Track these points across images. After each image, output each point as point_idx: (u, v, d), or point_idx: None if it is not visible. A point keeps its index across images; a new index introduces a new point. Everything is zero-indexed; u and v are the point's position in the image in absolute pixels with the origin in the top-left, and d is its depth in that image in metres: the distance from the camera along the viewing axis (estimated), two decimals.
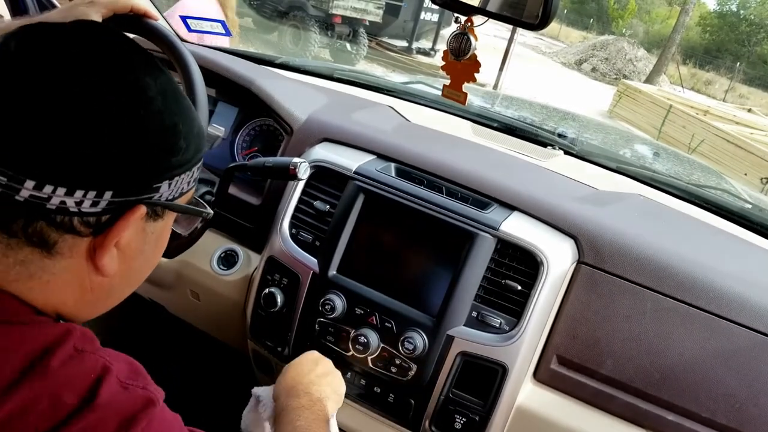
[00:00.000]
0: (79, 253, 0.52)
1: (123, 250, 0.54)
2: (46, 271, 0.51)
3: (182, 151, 0.54)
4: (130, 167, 0.50)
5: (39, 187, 0.47)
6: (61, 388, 0.48)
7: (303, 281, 1.08)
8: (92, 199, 0.49)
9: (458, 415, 1.00)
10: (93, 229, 0.51)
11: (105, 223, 0.51)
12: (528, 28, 0.86)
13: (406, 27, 9.92)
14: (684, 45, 23.59)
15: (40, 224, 0.49)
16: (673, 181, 1.39)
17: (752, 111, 12.38)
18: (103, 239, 0.52)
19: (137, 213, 0.52)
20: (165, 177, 0.53)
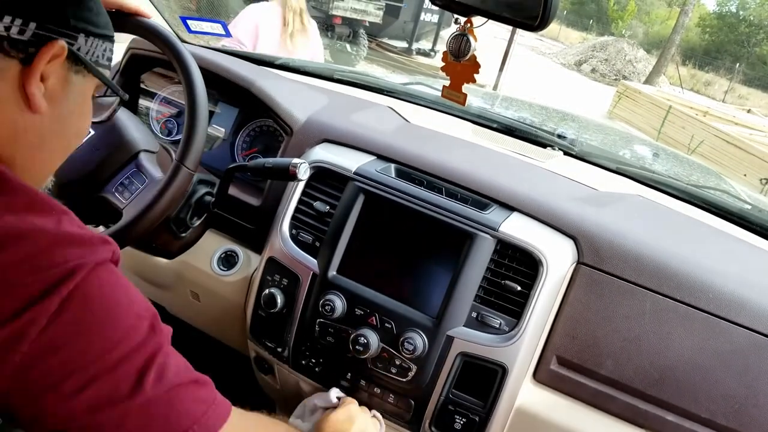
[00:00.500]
0: (10, 77, 0.58)
1: (51, 93, 0.61)
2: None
3: (94, 11, 0.63)
4: (52, 4, 0.59)
5: None
6: None
7: (303, 282, 1.08)
8: (19, 26, 0.57)
9: (458, 416, 1.00)
10: (23, 56, 0.58)
11: (31, 54, 0.58)
12: (527, 29, 0.86)
13: (406, 28, 9.93)
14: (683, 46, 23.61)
15: None
16: (672, 182, 1.39)
17: (751, 112, 12.40)
18: (29, 69, 0.58)
19: (57, 47, 0.59)
20: (81, 28, 0.62)
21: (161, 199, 0.97)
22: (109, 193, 1.03)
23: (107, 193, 1.03)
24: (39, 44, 0.58)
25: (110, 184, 1.03)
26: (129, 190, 1.03)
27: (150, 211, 0.96)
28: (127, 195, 1.02)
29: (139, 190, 1.02)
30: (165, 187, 0.97)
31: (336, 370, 1.08)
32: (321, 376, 1.10)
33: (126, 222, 0.97)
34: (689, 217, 1.24)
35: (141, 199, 1.00)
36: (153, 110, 1.46)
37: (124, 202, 1.02)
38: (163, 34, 1.02)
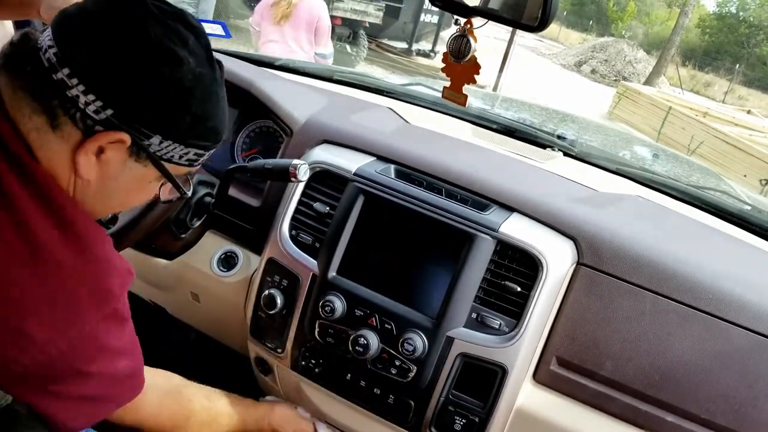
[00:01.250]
0: (70, 142, 0.63)
1: (101, 166, 0.65)
2: (49, 144, 0.63)
3: (185, 125, 0.66)
4: (134, 104, 0.62)
5: (70, 76, 0.60)
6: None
7: (303, 283, 1.08)
8: (97, 107, 0.61)
9: (458, 417, 1.00)
10: (86, 129, 0.62)
11: (95, 131, 0.63)
12: (527, 29, 0.86)
13: (406, 29, 9.92)
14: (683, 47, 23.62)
15: (56, 101, 0.61)
16: (672, 183, 1.39)
17: (751, 112, 12.40)
18: (87, 141, 0.63)
19: (119, 137, 0.63)
20: (158, 132, 0.65)
21: (156, 205, 0.97)
22: None
23: None
24: (105, 127, 0.63)
25: None
26: None
27: (144, 217, 0.97)
28: None
29: None
30: None
31: (336, 371, 1.08)
32: (321, 377, 1.10)
33: (120, 226, 0.97)
34: (689, 218, 1.24)
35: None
36: None
37: None
38: None
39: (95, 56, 0.61)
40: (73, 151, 0.63)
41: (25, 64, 0.62)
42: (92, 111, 0.61)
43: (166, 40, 0.63)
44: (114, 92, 0.61)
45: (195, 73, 0.65)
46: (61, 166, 0.64)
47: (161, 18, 0.64)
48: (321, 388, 1.12)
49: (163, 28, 0.63)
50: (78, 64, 0.61)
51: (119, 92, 0.62)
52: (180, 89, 0.64)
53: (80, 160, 0.63)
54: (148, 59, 0.62)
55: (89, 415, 0.72)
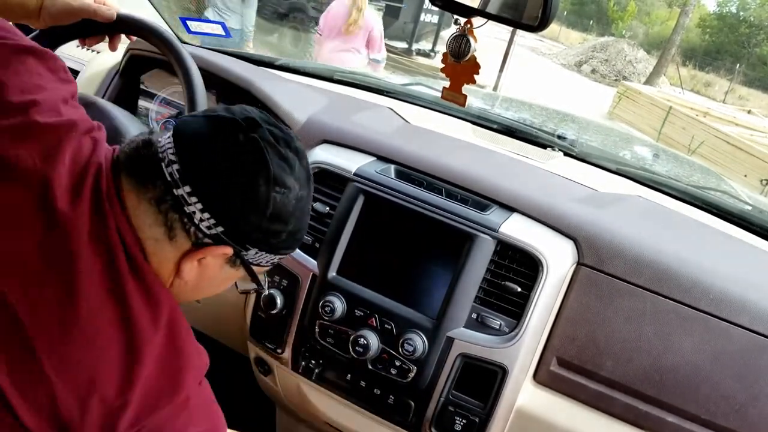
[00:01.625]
0: (180, 250, 0.68)
1: (202, 270, 0.71)
2: (162, 252, 0.68)
3: (280, 240, 0.71)
4: (244, 226, 0.67)
5: (191, 194, 0.65)
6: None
7: (303, 283, 1.08)
8: (210, 224, 0.66)
9: (458, 417, 1.00)
10: (195, 240, 0.67)
11: (204, 243, 0.68)
12: (528, 29, 0.86)
13: (405, 29, 9.92)
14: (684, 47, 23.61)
15: (175, 216, 0.66)
16: (672, 183, 1.39)
17: (752, 112, 12.39)
18: (195, 251, 0.68)
19: (224, 251, 0.69)
20: (257, 246, 0.70)
21: None
22: None
23: None
24: (214, 242, 0.68)
25: None
26: None
27: None
28: None
29: None
30: None
31: (336, 372, 1.08)
32: (321, 378, 1.10)
33: None
34: (690, 218, 1.24)
35: None
36: (153, 111, 1.46)
37: None
38: (163, 35, 1.02)
39: (215, 179, 0.66)
40: (180, 257, 0.68)
41: (151, 175, 0.66)
42: (205, 227, 0.66)
43: (278, 170, 0.68)
44: (228, 214, 0.66)
45: (298, 197, 0.70)
46: (167, 268, 0.69)
47: (275, 145, 0.68)
48: (321, 389, 1.12)
49: (278, 156, 0.68)
50: (199, 184, 0.65)
51: (233, 214, 0.66)
52: (285, 213, 0.69)
53: (185, 267, 0.68)
54: (262, 187, 0.66)
55: None
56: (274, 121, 0.72)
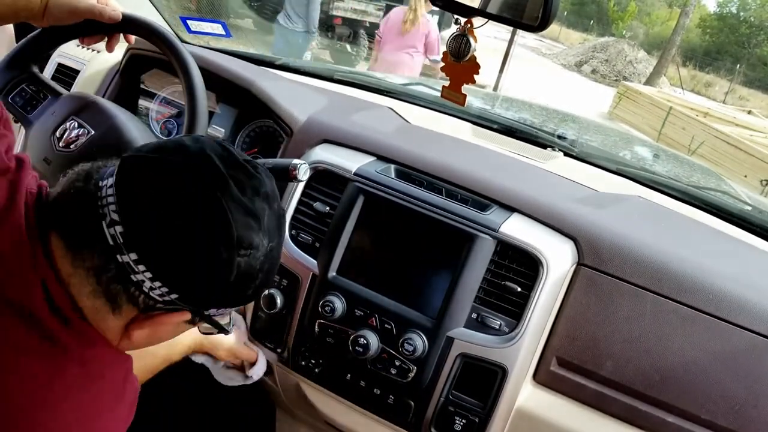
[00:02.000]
0: (126, 317, 0.61)
1: (153, 332, 0.63)
2: (106, 323, 0.60)
3: (246, 296, 0.63)
4: (204, 293, 0.60)
5: (137, 262, 0.56)
6: None
7: (303, 282, 1.08)
8: (162, 291, 0.58)
9: (458, 417, 1.00)
10: (145, 308, 0.60)
11: (156, 309, 0.60)
12: (528, 29, 0.86)
13: None
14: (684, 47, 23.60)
15: (119, 287, 0.58)
16: (672, 183, 1.39)
17: (752, 113, 12.38)
18: (145, 319, 0.61)
19: (183, 317, 0.62)
20: (219, 306, 0.63)
21: None
22: None
23: None
24: (169, 309, 0.61)
25: None
26: None
27: None
28: None
29: None
30: None
31: (336, 371, 1.08)
32: (320, 377, 1.10)
33: None
34: (690, 218, 1.24)
35: None
36: (153, 110, 1.46)
37: None
38: (163, 35, 1.02)
39: (168, 246, 0.56)
40: (125, 324, 0.61)
41: (88, 238, 0.57)
42: (156, 294, 0.58)
43: (243, 230, 0.58)
44: (184, 281, 0.58)
45: (267, 252, 0.61)
46: (111, 334, 0.62)
47: (240, 199, 0.58)
48: (321, 388, 1.12)
49: (243, 212, 0.58)
50: (147, 250, 0.56)
51: (189, 282, 0.58)
52: (251, 273, 0.60)
53: (135, 334, 0.62)
54: (224, 254, 0.57)
55: None
56: (241, 161, 0.61)
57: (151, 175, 0.58)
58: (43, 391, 0.55)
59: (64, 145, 1.02)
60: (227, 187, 0.58)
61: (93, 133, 1.03)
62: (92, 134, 1.03)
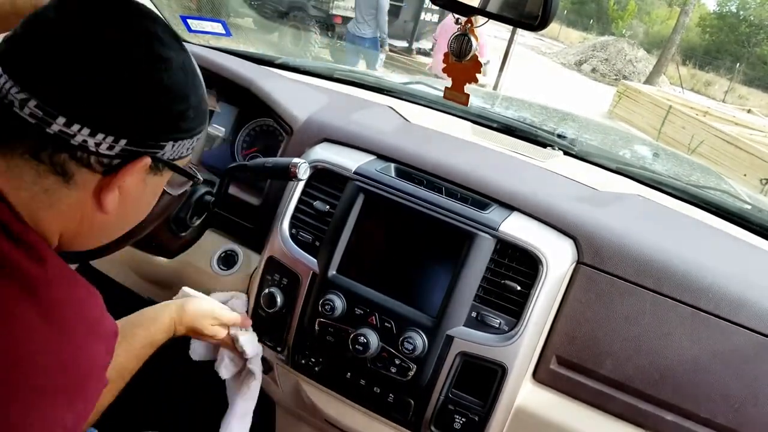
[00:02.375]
0: (89, 188, 0.60)
1: (124, 195, 0.62)
2: (63, 201, 0.59)
3: (189, 120, 0.63)
4: (145, 123, 0.59)
5: (68, 124, 0.55)
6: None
7: (303, 281, 1.08)
8: (109, 143, 0.57)
9: (458, 416, 1.00)
10: (104, 169, 0.59)
11: (115, 166, 0.59)
12: (528, 28, 0.86)
13: (406, 27, 9.91)
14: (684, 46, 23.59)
15: (63, 156, 0.57)
16: (672, 182, 1.39)
17: (752, 112, 12.39)
18: (110, 180, 0.60)
19: (142, 163, 0.60)
20: (171, 138, 0.62)
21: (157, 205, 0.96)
22: None
23: None
24: (126, 159, 0.59)
25: None
26: None
27: None
28: None
29: None
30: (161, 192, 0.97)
31: (335, 370, 1.08)
32: (320, 376, 1.10)
33: None
34: (689, 217, 1.24)
35: None
36: None
37: None
38: None
39: (83, 90, 0.55)
40: (94, 194, 0.60)
41: (7, 132, 0.56)
42: (106, 149, 0.57)
43: (144, 45, 0.58)
44: (121, 121, 0.57)
45: (182, 64, 0.61)
46: (76, 214, 0.60)
47: (120, 21, 0.58)
48: (321, 387, 1.12)
49: (133, 32, 0.58)
50: (68, 106, 0.55)
51: (126, 119, 0.57)
52: (179, 88, 0.60)
53: (106, 199, 0.60)
54: (143, 75, 0.57)
55: None
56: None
57: (30, 38, 0.57)
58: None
59: None
60: (102, 14, 0.58)
61: None
62: None
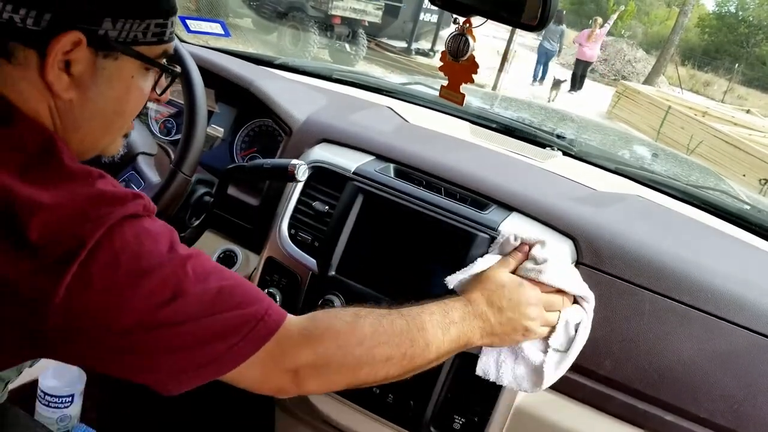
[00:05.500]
0: (32, 66, 0.59)
1: (75, 80, 0.61)
2: (13, 78, 0.59)
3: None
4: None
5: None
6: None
7: (302, 281, 1.08)
8: (33, 17, 0.57)
9: (457, 416, 1.00)
10: (37, 46, 0.58)
11: (46, 42, 0.58)
12: (527, 29, 0.86)
13: (405, 28, 9.92)
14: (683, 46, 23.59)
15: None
16: (671, 182, 1.39)
17: (751, 112, 12.38)
18: (47, 59, 0.59)
19: (70, 38, 0.59)
20: (107, 14, 0.60)
21: (157, 204, 0.97)
22: None
23: None
24: (51, 35, 0.58)
25: None
26: None
27: None
28: None
29: None
30: (160, 193, 0.97)
31: None
32: None
33: None
34: (688, 217, 1.24)
35: None
36: (152, 110, 1.46)
37: None
38: None
39: None
40: (41, 75, 0.59)
41: None
42: (32, 24, 0.57)
43: None
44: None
45: None
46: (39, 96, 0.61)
47: None
48: None
49: None
50: None
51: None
52: None
53: (51, 78, 0.59)
54: None
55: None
56: None
57: None
58: None
59: None
60: None
61: None
62: None
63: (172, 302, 0.59)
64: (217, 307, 0.62)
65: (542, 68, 12.14)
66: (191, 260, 0.62)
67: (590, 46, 11.78)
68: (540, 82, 11.95)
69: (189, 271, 0.61)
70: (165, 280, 0.59)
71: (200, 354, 0.61)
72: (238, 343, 0.62)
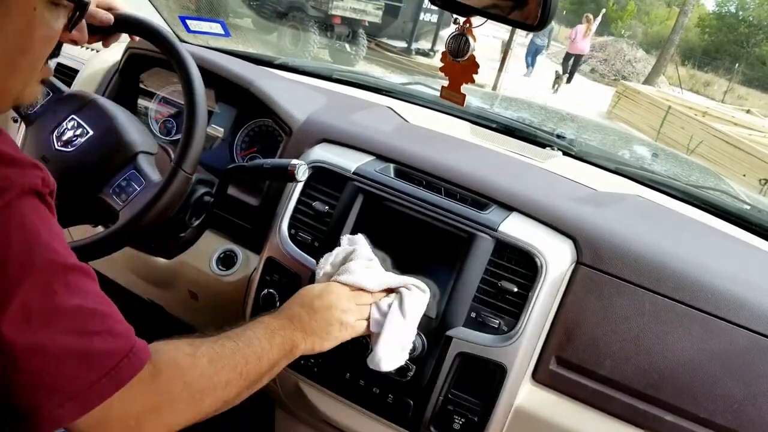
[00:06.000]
0: None
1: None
2: None
3: None
4: None
5: None
6: None
7: (302, 282, 1.08)
8: None
9: (457, 416, 1.00)
10: None
11: None
12: (527, 29, 0.86)
13: (405, 28, 9.92)
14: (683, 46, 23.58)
15: None
16: (671, 182, 1.39)
17: (751, 112, 12.39)
18: None
19: None
20: None
21: (157, 204, 0.97)
22: (106, 194, 1.03)
23: (105, 195, 1.03)
24: None
25: (108, 186, 1.03)
26: (126, 193, 1.02)
27: (145, 215, 0.96)
28: (124, 197, 1.02)
29: (135, 192, 1.02)
30: (161, 191, 0.97)
31: (335, 370, 1.08)
32: (320, 376, 1.10)
33: (121, 225, 0.97)
34: (688, 217, 1.24)
35: (137, 203, 0.99)
36: (152, 110, 1.46)
37: (121, 205, 1.01)
38: (162, 34, 1.02)
39: None
40: None
41: None
42: None
43: None
44: None
45: None
46: None
47: None
48: (320, 387, 1.12)
49: None
50: None
51: None
52: None
53: None
54: None
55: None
56: None
57: None
58: None
59: (63, 144, 1.03)
60: None
61: (92, 133, 1.04)
62: (91, 134, 1.04)
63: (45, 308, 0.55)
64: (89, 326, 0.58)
65: (531, 60, 13.33)
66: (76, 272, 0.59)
67: (583, 41, 13.11)
68: (530, 70, 13.21)
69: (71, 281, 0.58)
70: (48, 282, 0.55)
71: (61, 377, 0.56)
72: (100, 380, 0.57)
